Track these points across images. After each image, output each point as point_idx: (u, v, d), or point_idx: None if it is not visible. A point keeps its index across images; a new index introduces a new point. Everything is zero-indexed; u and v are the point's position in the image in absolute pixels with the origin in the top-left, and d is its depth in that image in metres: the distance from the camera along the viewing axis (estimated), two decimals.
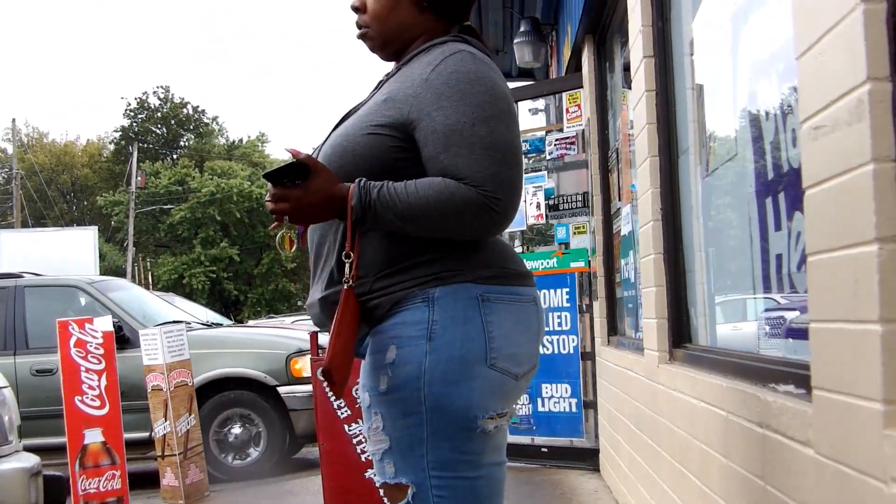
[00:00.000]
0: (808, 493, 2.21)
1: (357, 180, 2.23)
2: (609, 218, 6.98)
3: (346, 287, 2.24)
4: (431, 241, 2.24)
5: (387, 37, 2.48)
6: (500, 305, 2.24)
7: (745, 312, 3.47)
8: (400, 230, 2.23)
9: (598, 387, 7.22)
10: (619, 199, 6.41)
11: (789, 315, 2.92)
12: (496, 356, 2.20)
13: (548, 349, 7.63)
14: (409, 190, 2.19)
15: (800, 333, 2.47)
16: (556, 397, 7.69)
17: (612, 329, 6.89)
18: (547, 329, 7.63)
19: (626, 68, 5.14)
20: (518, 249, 9.49)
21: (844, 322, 1.88)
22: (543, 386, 7.70)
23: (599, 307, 7.12)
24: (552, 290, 7.71)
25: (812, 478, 2.16)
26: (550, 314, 7.69)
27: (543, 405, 7.74)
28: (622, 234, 6.13)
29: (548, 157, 8.12)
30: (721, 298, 4.00)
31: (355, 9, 2.49)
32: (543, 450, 7.86)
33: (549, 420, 7.75)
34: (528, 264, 4.87)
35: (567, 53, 8.41)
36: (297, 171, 2.24)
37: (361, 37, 2.51)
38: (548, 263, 7.74)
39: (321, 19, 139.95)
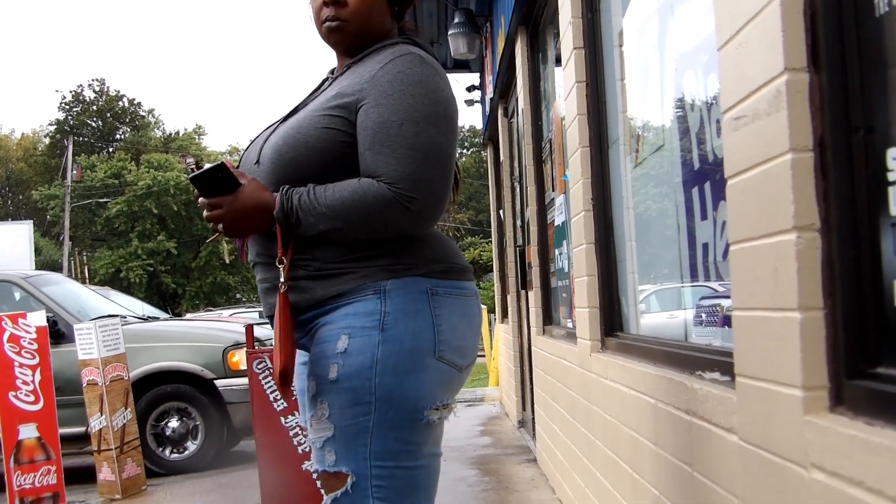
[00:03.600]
0: (733, 479, 2.23)
1: (281, 188, 2.28)
2: (543, 208, 7.00)
3: (281, 292, 2.28)
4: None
5: (363, 35, 2.49)
6: (447, 299, 2.31)
7: (678, 301, 3.49)
8: (333, 234, 2.26)
9: (535, 376, 7.25)
10: (553, 190, 6.43)
11: (725, 303, 2.94)
12: (444, 349, 2.27)
13: None
14: (327, 193, 2.24)
15: (730, 321, 2.49)
16: None
17: (548, 318, 6.92)
18: None
19: (559, 60, 5.15)
20: None
21: (765, 310, 1.89)
22: None
23: (534, 297, 7.14)
24: None
25: (737, 464, 2.17)
26: None
27: None
28: (556, 224, 6.14)
29: None
30: (653, 287, 4.02)
31: (334, 1, 2.47)
32: None
33: None
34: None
35: (501, 44, 8.41)
36: (222, 179, 2.25)
37: (336, 29, 2.49)
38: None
39: (258, 11, 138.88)
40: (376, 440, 2.23)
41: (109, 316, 8.66)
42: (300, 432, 5.51)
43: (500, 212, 11.26)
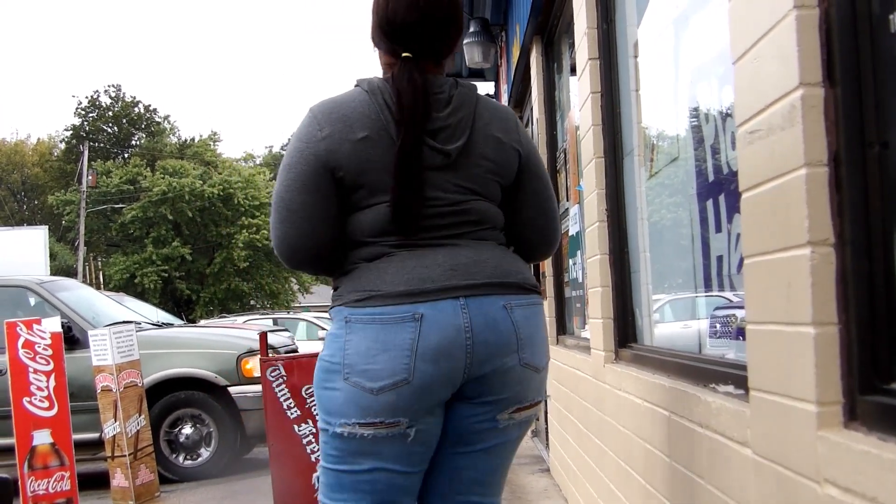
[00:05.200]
0: (747, 492, 2.22)
1: None
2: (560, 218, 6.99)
3: None
4: (338, 275, 2.69)
5: None
6: (358, 326, 2.51)
7: (692, 312, 3.49)
8: None
9: (549, 386, 7.24)
10: (567, 200, 6.43)
11: (739, 314, 2.94)
12: (349, 372, 2.50)
13: None
14: None
15: (744, 333, 2.49)
16: None
17: (561, 328, 6.92)
18: None
19: (574, 70, 5.16)
20: None
21: (779, 324, 1.89)
22: None
23: (548, 307, 7.14)
24: None
25: (750, 478, 2.17)
26: None
27: None
28: (570, 234, 6.14)
29: None
30: (667, 298, 4.02)
31: None
32: None
33: None
34: None
35: (516, 54, 8.42)
36: None
37: None
38: None
39: (274, 18, 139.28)
40: (321, 442, 2.66)
41: (124, 322, 8.68)
42: (313, 440, 5.52)
43: None
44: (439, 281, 2.54)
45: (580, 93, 4.72)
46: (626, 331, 4.17)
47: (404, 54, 2.65)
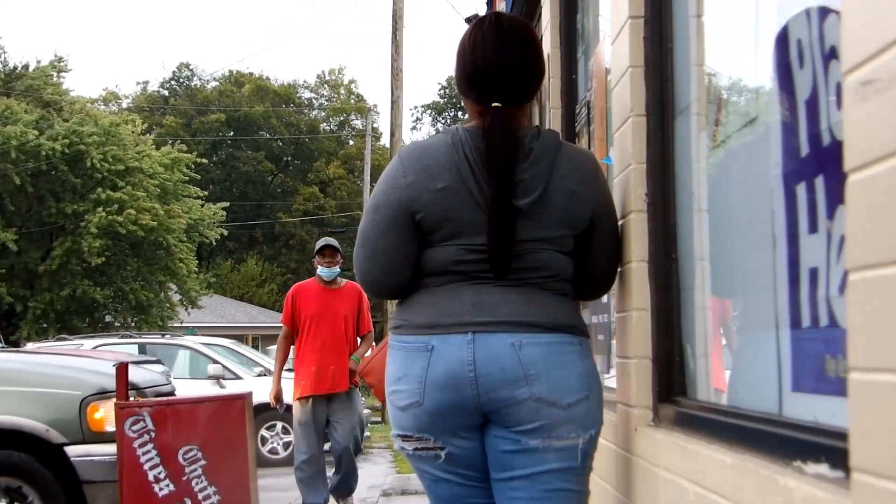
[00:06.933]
0: None
1: None
2: None
3: None
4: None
5: None
6: (394, 351, 4.17)
7: (770, 352, 3.48)
8: None
9: None
10: None
11: (839, 355, 2.93)
12: (388, 390, 4.17)
13: None
14: None
15: (846, 387, 2.49)
16: None
17: None
18: None
19: None
20: None
21: None
22: None
23: None
24: None
25: None
26: None
27: None
28: None
29: None
30: (733, 331, 4.02)
31: None
32: None
33: None
34: None
35: None
36: None
37: None
38: None
39: None
40: None
41: None
42: None
43: None
44: (455, 316, 4.01)
45: (614, 18, 4.73)
46: (670, 378, 4.17)
47: (495, 104, 4.03)
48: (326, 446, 12.39)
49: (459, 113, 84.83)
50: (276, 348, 12.97)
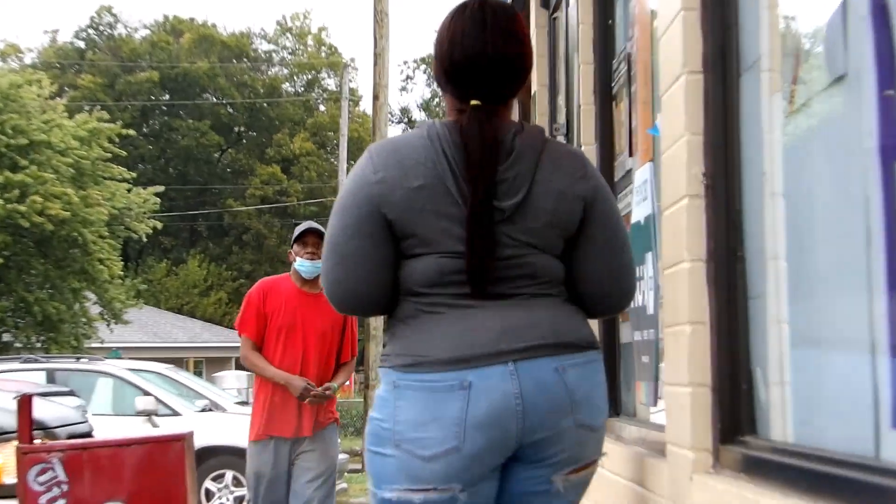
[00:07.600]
0: None
1: None
2: (611, 187, 6.98)
3: None
4: (388, 326, 4.63)
5: None
6: (407, 392, 4.31)
7: (866, 377, 3.49)
8: None
9: None
10: (630, 153, 6.44)
11: None
12: (400, 439, 4.29)
13: None
14: None
15: None
16: None
17: (612, 403, 6.92)
18: None
19: None
20: None
21: None
22: None
23: None
24: None
25: None
26: None
27: None
28: (633, 217, 6.15)
29: None
30: (816, 353, 4.02)
31: None
32: None
33: None
34: None
35: None
36: None
37: None
38: None
39: None
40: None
41: None
42: None
43: None
44: (488, 346, 4.28)
45: None
46: (735, 412, 4.18)
47: (473, 102, 4.42)
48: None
49: None
50: (248, 363, 11.21)
